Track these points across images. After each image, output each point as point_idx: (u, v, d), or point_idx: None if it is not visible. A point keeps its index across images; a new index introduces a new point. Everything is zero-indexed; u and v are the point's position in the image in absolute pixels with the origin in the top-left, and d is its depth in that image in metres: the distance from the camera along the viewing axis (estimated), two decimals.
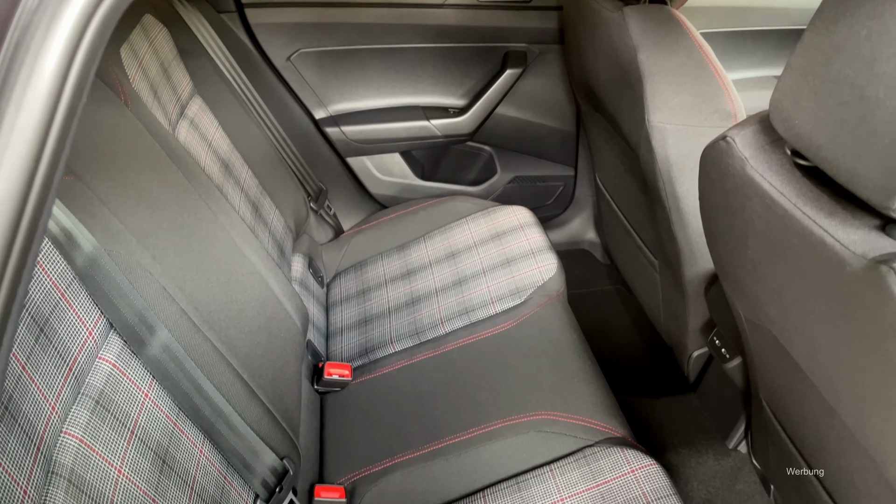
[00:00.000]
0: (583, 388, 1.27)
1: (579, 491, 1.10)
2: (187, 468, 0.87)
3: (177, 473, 0.85)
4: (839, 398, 0.76)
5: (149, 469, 0.80)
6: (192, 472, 0.88)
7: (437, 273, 1.64)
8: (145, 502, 0.77)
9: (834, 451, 0.90)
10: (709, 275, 1.36)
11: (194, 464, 0.89)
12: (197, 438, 0.92)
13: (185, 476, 0.86)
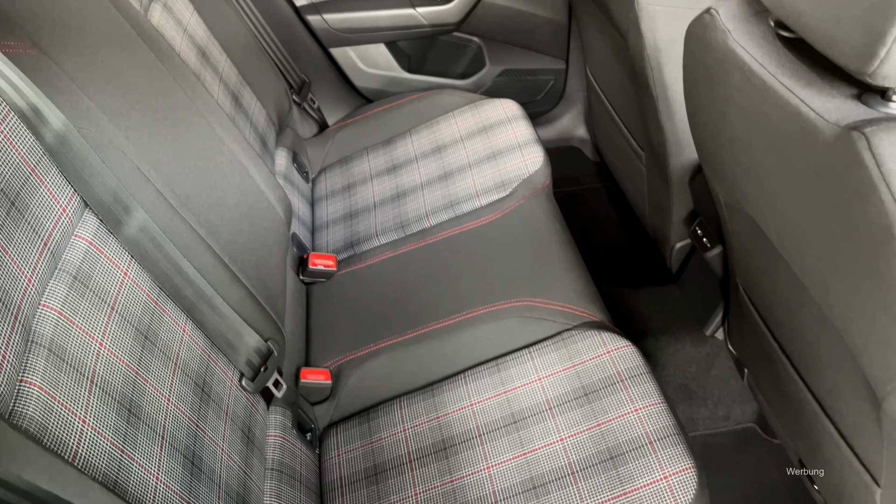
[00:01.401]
0: (563, 276, 1.28)
1: (556, 371, 1.13)
2: (170, 345, 0.89)
3: (160, 349, 0.87)
4: (806, 270, 0.77)
5: (131, 344, 0.82)
6: (175, 349, 0.90)
7: (423, 167, 1.63)
8: (128, 374, 0.79)
9: (803, 329, 0.92)
10: (693, 165, 1.36)
11: (177, 341, 0.91)
12: (179, 318, 0.94)
13: (169, 352, 0.88)
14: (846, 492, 0.97)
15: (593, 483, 0.98)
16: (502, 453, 1.06)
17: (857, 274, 0.65)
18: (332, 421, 1.22)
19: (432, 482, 1.07)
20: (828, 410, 0.94)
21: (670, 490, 0.95)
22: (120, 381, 0.77)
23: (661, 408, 1.04)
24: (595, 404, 1.07)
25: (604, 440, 1.02)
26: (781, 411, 1.16)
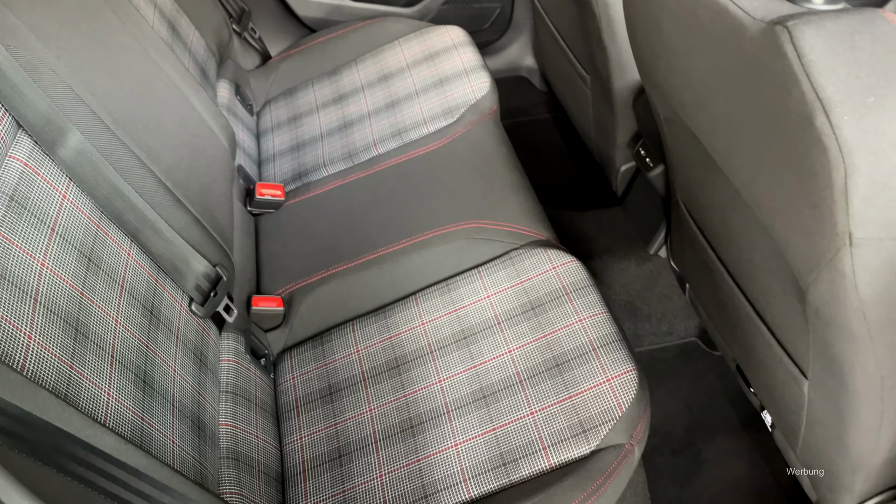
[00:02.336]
0: (511, 197, 1.30)
1: (504, 288, 1.16)
2: (115, 268, 0.89)
3: (104, 272, 0.86)
4: (736, 171, 0.80)
5: (74, 265, 0.81)
6: (120, 272, 0.89)
7: (369, 96, 1.62)
8: (73, 294, 0.79)
9: (737, 235, 0.96)
10: (636, 87, 1.38)
11: (122, 264, 0.90)
12: (123, 242, 0.93)
13: (114, 275, 0.88)
14: (777, 388, 1.03)
15: (540, 389, 1.02)
16: (453, 367, 1.09)
17: (780, 167, 0.68)
18: (286, 346, 1.24)
19: (386, 397, 1.09)
20: (760, 312, 0.99)
21: (612, 392, 0.99)
22: (65, 300, 0.77)
23: (604, 317, 1.08)
24: (542, 317, 1.10)
25: (550, 349, 1.06)
26: (719, 319, 1.21)
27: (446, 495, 0.96)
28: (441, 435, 1.02)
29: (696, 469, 1.31)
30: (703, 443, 1.35)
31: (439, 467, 0.99)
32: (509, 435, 0.99)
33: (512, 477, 0.96)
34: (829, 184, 0.61)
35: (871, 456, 0.87)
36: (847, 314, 0.71)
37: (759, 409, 1.20)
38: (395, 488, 0.99)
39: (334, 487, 1.02)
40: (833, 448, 0.93)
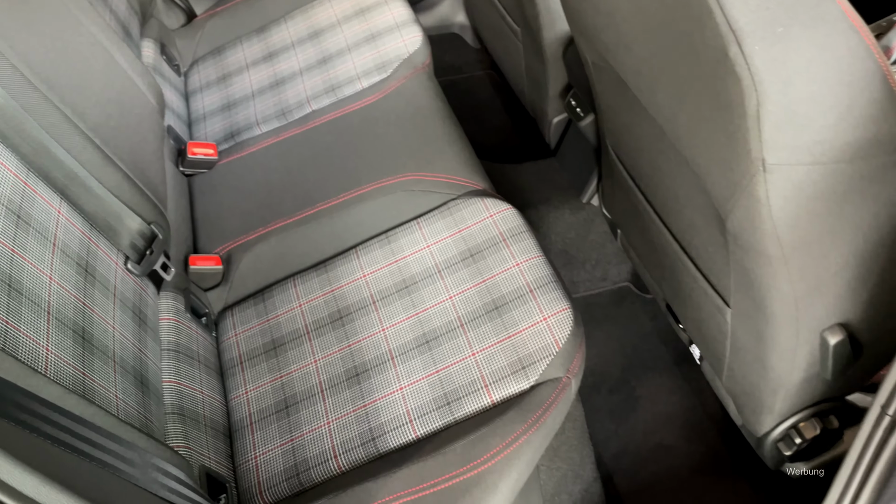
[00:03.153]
0: (447, 149, 1.32)
1: (444, 237, 1.18)
2: (46, 225, 0.87)
3: (35, 229, 0.84)
4: (659, 108, 0.83)
5: (2, 221, 0.79)
6: (51, 230, 0.88)
7: (300, 53, 1.60)
8: (3, 251, 0.77)
9: (663, 174, 1.00)
10: (566, 38, 1.40)
11: (53, 222, 0.89)
12: (53, 199, 0.91)
13: (45, 233, 0.86)
14: (704, 320, 1.08)
15: (481, 331, 1.05)
16: (396, 315, 1.11)
17: (699, 99, 0.71)
18: (227, 304, 1.23)
19: (330, 348, 1.11)
20: (686, 247, 1.04)
21: (549, 329, 1.03)
22: None
23: (540, 260, 1.12)
24: (480, 263, 1.13)
25: (489, 293, 1.09)
26: (649, 260, 1.26)
27: (393, 436, 0.99)
28: (386, 380, 1.05)
29: (630, 405, 1.37)
30: (637, 380, 1.41)
31: (385, 410, 1.02)
32: (452, 376, 1.02)
33: (456, 415, 0.99)
34: (743, 112, 0.65)
35: (789, 376, 0.94)
36: (763, 238, 0.75)
37: (687, 344, 1.26)
38: (342, 433, 1.01)
39: (282, 437, 1.04)
40: (755, 372, 0.99)
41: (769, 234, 0.74)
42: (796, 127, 0.65)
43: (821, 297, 0.83)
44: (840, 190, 0.71)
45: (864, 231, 0.77)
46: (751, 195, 0.72)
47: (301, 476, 0.99)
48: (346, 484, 0.94)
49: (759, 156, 0.67)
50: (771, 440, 1.06)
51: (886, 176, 0.72)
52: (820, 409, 1.03)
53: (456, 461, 0.92)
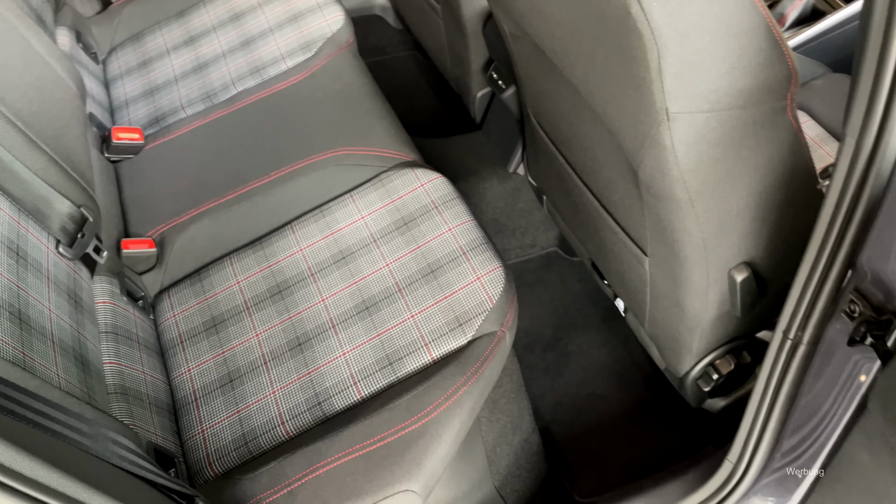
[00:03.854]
0: (375, 123, 1.35)
1: (377, 208, 1.21)
2: None
3: None
4: (573, 70, 0.88)
5: None
6: None
7: (222, 36, 1.60)
8: None
9: (581, 136, 1.06)
10: (485, 12, 1.45)
11: None
12: None
13: None
14: (626, 273, 1.16)
15: (418, 294, 1.10)
16: (335, 285, 1.14)
17: (608, 57, 0.77)
18: (164, 287, 1.24)
19: (271, 321, 1.13)
20: (605, 205, 1.11)
21: (483, 287, 1.08)
22: None
23: (471, 224, 1.16)
24: (414, 230, 1.17)
25: (424, 258, 1.13)
26: (573, 222, 1.33)
27: (339, 399, 1.02)
28: (329, 347, 1.08)
29: (563, 361, 1.44)
30: (569, 338, 1.48)
31: (330, 376, 1.05)
32: (393, 338, 1.06)
33: (399, 373, 1.03)
34: (647, 66, 0.71)
35: (704, 314, 1.02)
36: (671, 184, 0.82)
37: (612, 299, 1.34)
38: (288, 400, 1.04)
39: (228, 409, 1.06)
40: (673, 315, 1.07)
41: (676, 179, 0.81)
42: (694, 77, 0.71)
43: (726, 237, 0.90)
44: (736, 135, 0.78)
45: (761, 173, 0.84)
46: (658, 143, 0.78)
47: (250, 444, 1.01)
48: (296, 447, 0.97)
49: (662, 105, 0.73)
50: (691, 379, 1.14)
51: (776, 121, 0.79)
52: (733, 346, 1.11)
53: (401, 415, 0.96)
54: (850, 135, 0.66)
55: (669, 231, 0.91)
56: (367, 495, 0.91)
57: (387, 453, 0.93)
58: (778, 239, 0.93)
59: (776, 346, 0.87)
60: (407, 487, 0.92)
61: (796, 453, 0.96)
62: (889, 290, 0.71)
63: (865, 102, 0.63)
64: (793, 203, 0.89)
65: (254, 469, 0.96)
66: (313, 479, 0.92)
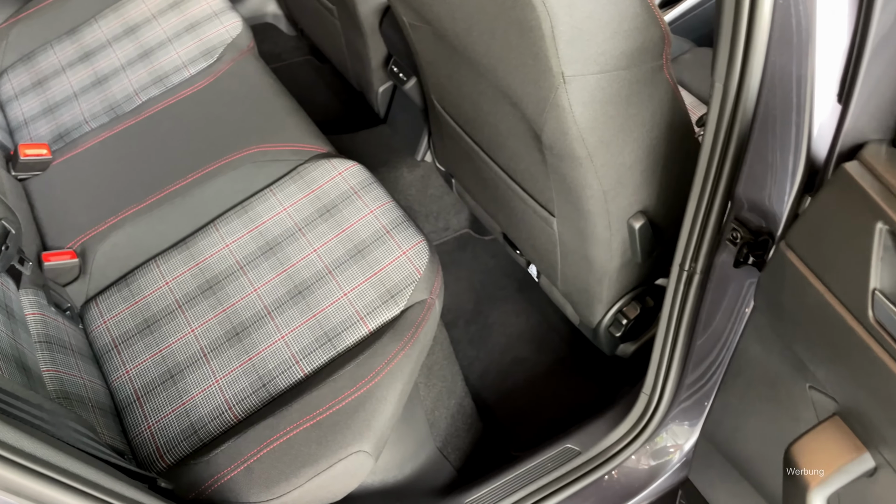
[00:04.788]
0: (287, 120, 1.40)
1: (298, 199, 1.26)
2: None
3: None
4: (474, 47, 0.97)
5: None
6: None
7: (118, 50, 1.60)
8: None
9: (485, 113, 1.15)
10: (381, 8, 1.52)
11: None
12: None
13: None
14: (536, 237, 1.26)
15: (348, 273, 1.15)
16: (265, 275, 1.18)
17: (506, 31, 0.86)
18: (90, 296, 1.24)
19: (206, 316, 1.16)
20: (512, 175, 1.20)
21: (409, 261, 1.15)
22: None
23: (391, 204, 1.24)
24: (337, 216, 1.23)
25: (350, 240, 1.19)
26: (483, 198, 1.42)
27: (283, 378, 1.07)
28: (267, 333, 1.12)
29: (486, 331, 1.53)
30: (489, 310, 1.57)
31: (271, 358, 1.09)
32: (329, 316, 1.12)
33: (339, 348, 1.08)
34: (542, 35, 0.80)
35: (609, 264, 1.13)
36: (572, 143, 0.92)
37: (526, 266, 1.44)
38: (233, 387, 1.07)
39: (173, 403, 1.08)
40: (582, 268, 1.18)
41: (576, 137, 0.91)
42: (583, 42, 0.81)
43: (623, 188, 1.01)
44: (624, 93, 0.89)
45: (647, 127, 0.96)
46: (557, 105, 0.88)
47: (199, 432, 1.04)
48: (247, 426, 1.00)
49: (558, 70, 0.83)
50: (604, 327, 1.25)
51: (655, 79, 0.91)
52: (637, 292, 1.23)
53: (346, 384, 1.01)
54: (717, 80, 0.78)
55: (573, 188, 1.01)
56: (322, 460, 0.96)
57: (336, 420, 0.99)
58: (667, 187, 1.05)
59: (674, 278, 0.99)
60: (359, 448, 0.98)
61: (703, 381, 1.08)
62: (763, 214, 0.83)
63: (727, 51, 0.74)
64: (676, 153, 1.01)
65: (208, 452, 0.99)
66: (268, 453, 0.96)
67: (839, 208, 0.61)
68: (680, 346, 1.04)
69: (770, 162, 0.77)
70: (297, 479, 0.95)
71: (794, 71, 0.69)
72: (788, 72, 0.70)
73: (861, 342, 0.59)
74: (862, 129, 0.62)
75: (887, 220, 0.56)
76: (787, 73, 0.70)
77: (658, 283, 1.27)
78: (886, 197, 0.56)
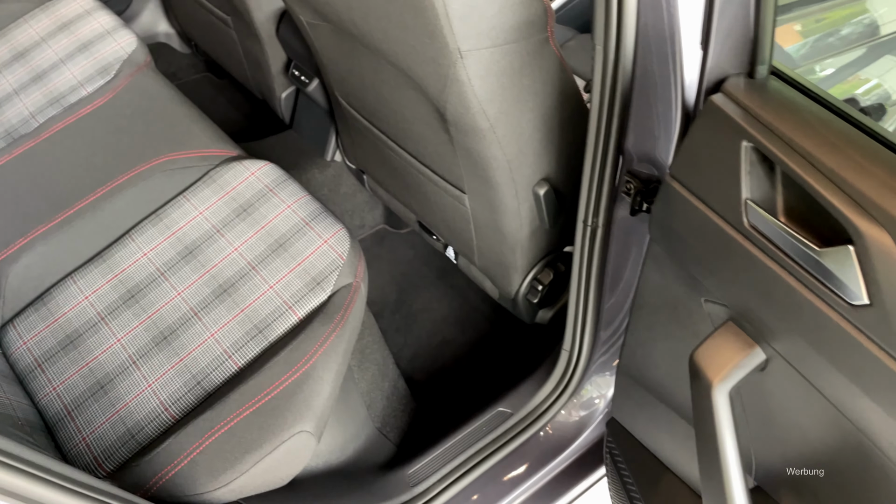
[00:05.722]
0: (193, 127, 1.41)
1: (214, 202, 1.28)
2: None
3: None
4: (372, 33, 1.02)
5: None
6: None
7: (8, 76, 1.56)
8: None
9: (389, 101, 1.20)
10: (275, 14, 1.55)
11: None
12: None
13: None
14: (450, 217, 1.32)
15: (272, 268, 1.18)
16: (187, 278, 1.19)
17: (402, 13, 0.92)
18: (6, 320, 1.21)
19: (131, 324, 1.16)
20: (421, 159, 1.26)
21: (331, 248, 1.19)
22: None
23: (307, 198, 1.27)
24: (255, 214, 1.25)
25: (270, 236, 1.22)
26: (395, 188, 1.47)
27: (217, 374, 1.08)
28: (195, 333, 1.13)
29: (412, 319, 1.58)
30: (412, 299, 1.62)
31: (203, 357, 1.10)
32: (257, 309, 1.14)
33: (270, 338, 1.11)
34: (436, 14, 0.86)
35: (519, 232, 1.20)
36: (474, 116, 0.99)
37: (443, 250, 1.50)
38: (167, 389, 1.08)
39: (106, 412, 1.07)
40: (496, 240, 1.24)
41: (477, 110, 0.98)
42: (475, 18, 0.88)
43: (525, 157, 1.09)
44: (516, 65, 0.96)
45: (541, 97, 1.03)
46: (457, 80, 0.94)
47: (137, 437, 1.04)
48: (186, 423, 1.01)
49: (455, 46, 0.89)
50: (521, 295, 1.33)
51: (543, 50, 0.98)
52: (549, 259, 1.31)
53: (281, 369, 1.04)
54: (597, 43, 0.86)
55: (479, 161, 1.08)
56: (266, 444, 0.98)
57: (276, 404, 1.01)
58: (566, 154, 1.13)
59: (579, 235, 1.07)
60: (300, 429, 1.00)
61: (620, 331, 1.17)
62: (652, 162, 0.91)
63: (603, 15, 0.82)
64: (570, 121, 1.10)
65: (149, 452, 0.99)
66: (211, 444, 0.98)
67: (710, 135, 0.69)
68: (592, 300, 1.12)
69: (652, 113, 0.86)
70: (243, 465, 0.96)
71: (664, 27, 0.77)
72: (659, 28, 0.78)
73: (740, 247, 0.67)
74: (722, 66, 0.72)
75: (750, 138, 0.64)
76: (657, 30, 0.79)
77: (566, 250, 1.35)
78: (747, 119, 0.65)
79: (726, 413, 0.69)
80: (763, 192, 0.65)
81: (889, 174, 0.56)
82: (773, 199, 0.64)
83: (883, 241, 0.54)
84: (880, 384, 0.60)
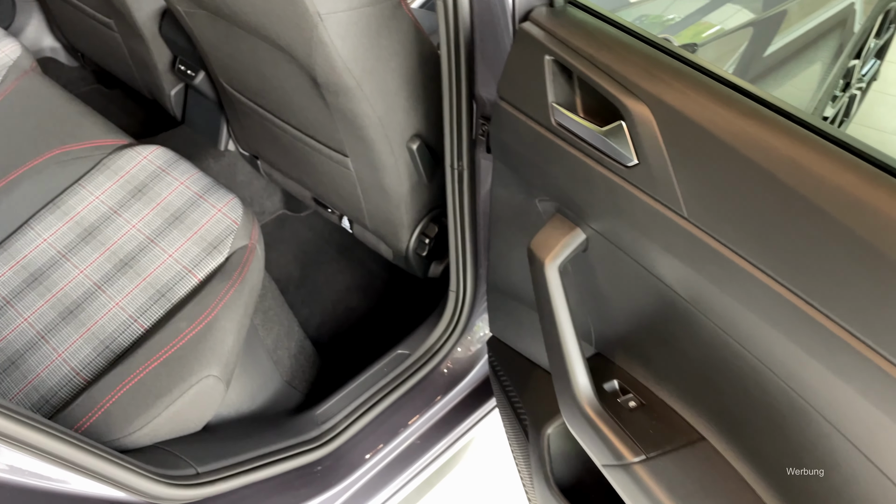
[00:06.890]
0: (83, 121, 1.46)
1: (109, 186, 1.34)
2: None
3: None
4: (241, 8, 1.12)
5: None
6: None
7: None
8: None
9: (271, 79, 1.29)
10: (156, 13, 1.63)
11: None
12: None
13: None
14: (339, 184, 1.42)
15: (170, 238, 1.25)
16: (89, 257, 1.25)
17: None
18: None
19: (35, 304, 1.21)
20: (305, 130, 1.36)
21: (225, 216, 1.27)
22: None
23: (199, 174, 1.35)
24: (150, 193, 1.32)
25: (166, 210, 1.29)
26: (286, 166, 1.56)
27: (124, 337, 1.15)
28: (100, 304, 1.19)
29: (317, 291, 1.67)
30: (315, 274, 1.72)
31: (110, 324, 1.17)
32: (159, 276, 1.21)
33: (173, 300, 1.18)
34: None
35: (401, 188, 1.32)
36: (341, 75, 1.10)
37: (339, 222, 1.60)
38: (77, 356, 1.14)
39: (18, 384, 1.12)
40: (381, 199, 1.36)
41: (343, 69, 1.09)
42: None
43: (395, 114, 1.21)
44: (374, 27, 1.08)
45: (402, 56, 1.15)
46: (321, 42, 1.05)
47: (52, 401, 1.10)
48: (96, 381, 1.08)
49: (314, 10, 1.01)
50: (412, 250, 1.44)
51: (397, 13, 1.11)
52: (434, 214, 1.43)
53: (185, 324, 1.12)
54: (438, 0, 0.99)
55: (354, 120, 1.19)
56: (175, 389, 1.06)
57: (182, 353, 1.09)
58: (433, 111, 1.26)
59: (449, 179, 1.19)
60: (207, 373, 1.08)
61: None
62: None
63: None
64: (431, 79, 1.22)
65: (63, 410, 1.05)
66: (123, 395, 1.05)
67: (522, 56, 0.83)
68: (469, 238, 1.25)
69: (489, 57, 1.00)
70: (154, 410, 1.04)
71: None
72: None
73: (552, 143, 0.81)
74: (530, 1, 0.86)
75: (550, 52, 0.78)
76: None
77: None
78: (548, 38, 0.79)
79: (557, 285, 0.82)
80: (564, 95, 0.79)
81: (649, 64, 0.70)
82: (572, 100, 0.78)
83: (644, 113, 0.68)
84: (655, 228, 0.74)
